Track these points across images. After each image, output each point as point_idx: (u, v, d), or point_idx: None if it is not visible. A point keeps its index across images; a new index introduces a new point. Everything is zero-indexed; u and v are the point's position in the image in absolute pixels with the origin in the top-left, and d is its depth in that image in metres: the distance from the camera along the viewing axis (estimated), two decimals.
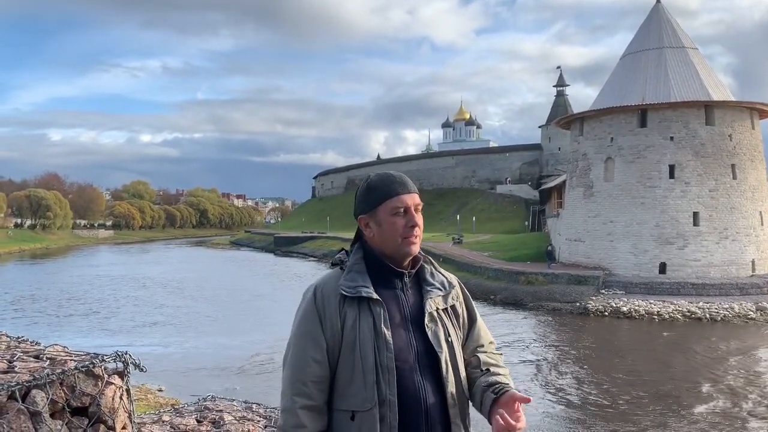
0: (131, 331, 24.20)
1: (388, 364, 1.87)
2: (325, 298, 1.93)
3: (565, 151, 61.01)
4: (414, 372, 1.90)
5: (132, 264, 58.54)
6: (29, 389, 2.20)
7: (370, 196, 2.02)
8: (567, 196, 38.03)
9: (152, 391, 13.75)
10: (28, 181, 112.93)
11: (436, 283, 2.07)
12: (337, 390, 1.91)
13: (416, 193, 2.05)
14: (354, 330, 1.89)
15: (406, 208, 2.00)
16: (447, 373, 1.95)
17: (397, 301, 1.97)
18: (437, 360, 1.94)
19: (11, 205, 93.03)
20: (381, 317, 1.90)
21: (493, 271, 34.90)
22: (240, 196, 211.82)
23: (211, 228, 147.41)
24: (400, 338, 1.92)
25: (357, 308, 1.91)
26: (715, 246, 30.71)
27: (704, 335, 23.38)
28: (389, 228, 1.98)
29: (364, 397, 1.86)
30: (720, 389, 16.23)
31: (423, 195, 10.40)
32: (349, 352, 1.89)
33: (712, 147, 31.17)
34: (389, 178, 2.04)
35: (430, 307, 1.99)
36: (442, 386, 1.94)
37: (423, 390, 1.90)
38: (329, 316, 1.91)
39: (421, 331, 1.95)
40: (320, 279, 2.02)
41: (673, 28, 34.66)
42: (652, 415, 14.08)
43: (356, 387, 1.87)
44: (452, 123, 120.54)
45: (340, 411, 1.89)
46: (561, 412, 14.64)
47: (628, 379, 17.02)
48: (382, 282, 1.98)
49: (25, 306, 30.30)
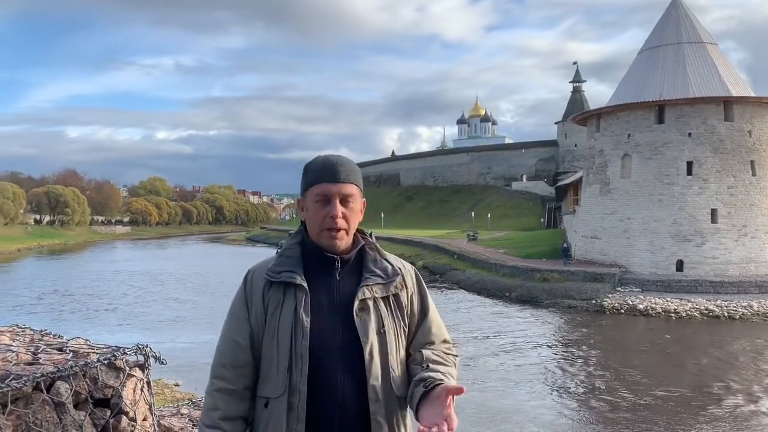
0: (148, 326, 24.43)
1: (302, 351, 1.79)
2: (254, 282, 1.89)
3: (582, 147, 60.63)
4: (335, 362, 1.80)
5: (149, 260, 59.08)
6: (54, 380, 2.25)
7: (303, 178, 1.94)
8: (583, 192, 37.80)
9: (169, 385, 13.89)
10: (46, 178, 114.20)
11: (377, 270, 1.93)
12: (261, 377, 1.86)
13: (350, 182, 1.89)
14: (275, 316, 1.84)
15: (329, 197, 1.87)
16: (371, 364, 1.82)
17: (329, 288, 1.87)
18: (360, 350, 1.83)
19: (30, 201, 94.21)
20: (302, 303, 1.82)
21: (508, 268, 34.79)
22: (255, 192, 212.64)
23: (227, 224, 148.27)
24: (323, 326, 1.82)
25: (282, 294, 1.84)
26: (733, 243, 30.38)
27: (722, 334, 23.15)
28: (312, 216, 1.90)
29: (276, 384, 1.81)
30: (739, 388, 16.07)
31: (437, 191, 10.51)
32: (270, 338, 1.84)
33: (731, 143, 30.81)
34: (322, 163, 1.91)
35: (362, 295, 1.86)
36: (365, 379, 1.82)
37: (342, 381, 1.80)
38: (255, 300, 1.87)
39: (351, 319, 1.84)
40: (256, 265, 1.97)
41: (692, 23, 34.27)
42: (669, 414, 13.99)
43: (272, 374, 1.82)
44: (467, 119, 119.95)
45: (259, 398, 1.85)
46: (575, 410, 14.59)
47: (644, 378, 16.90)
48: (317, 267, 1.89)
49: (46, 301, 30.72)
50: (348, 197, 1.89)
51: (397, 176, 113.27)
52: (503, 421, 13.42)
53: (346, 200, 1.89)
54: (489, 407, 14.21)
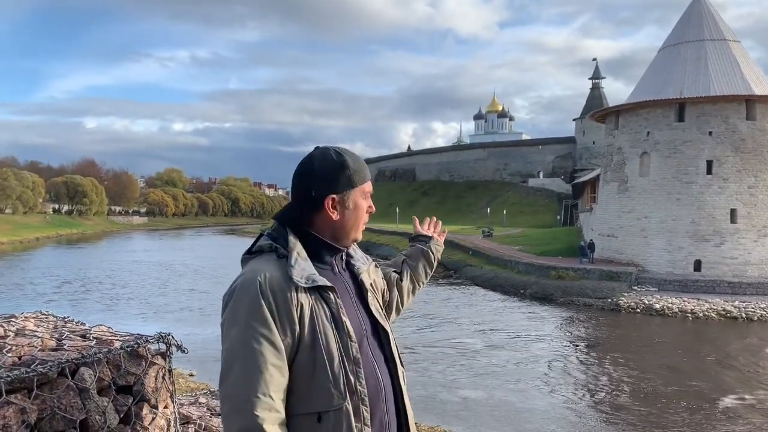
0: (164, 316, 24.65)
1: (354, 354, 1.72)
2: (274, 292, 1.67)
3: (600, 144, 60.16)
4: (369, 354, 1.79)
5: (166, 250, 59.59)
6: (78, 366, 2.28)
7: (344, 174, 1.82)
8: (601, 190, 37.51)
9: (184, 375, 14.00)
10: (65, 167, 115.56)
11: (360, 258, 1.99)
12: (297, 392, 1.68)
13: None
14: (312, 324, 1.70)
15: (370, 193, 1.92)
16: (394, 345, 1.88)
17: (341, 281, 1.85)
18: (383, 335, 1.87)
19: (49, 190, 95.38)
20: (336, 305, 1.75)
21: (523, 265, 34.65)
22: (271, 185, 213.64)
23: (243, 217, 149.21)
24: (353, 321, 1.79)
25: (310, 299, 1.72)
26: (752, 244, 30.01)
27: (740, 335, 22.90)
28: (359, 212, 1.86)
29: (333, 394, 1.68)
30: (756, 390, 15.90)
31: (453, 187, 10.55)
32: (309, 349, 1.69)
33: (752, 142, 30.40)
34: (361, 160, 1.88)
35: (366, 282, 1.91)
36: (392, 360, 1.86)
37: (378, 370, 1.80)
38: (284, 312, 1.67)
39: (365, 308, 1.87)
40: (255, 270, 1.72)
41: (715, 19, 33.78)
42: (684, 415, 13.88)
43: (321, 385, 1.68)
44: (484, 115, 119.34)
45: (302, 415, 1.68)
46: (589, 409, 14.52)
47: (659, 379, 16.77)
48: (320, 264, 1.82)
49: (65, 289, 31.11)
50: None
51: (413, 171, 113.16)
52: (519, 420, 13.39)
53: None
54: (502, 404, 14.18)
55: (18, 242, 65.75)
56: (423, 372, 16.61)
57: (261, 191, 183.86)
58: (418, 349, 19.17)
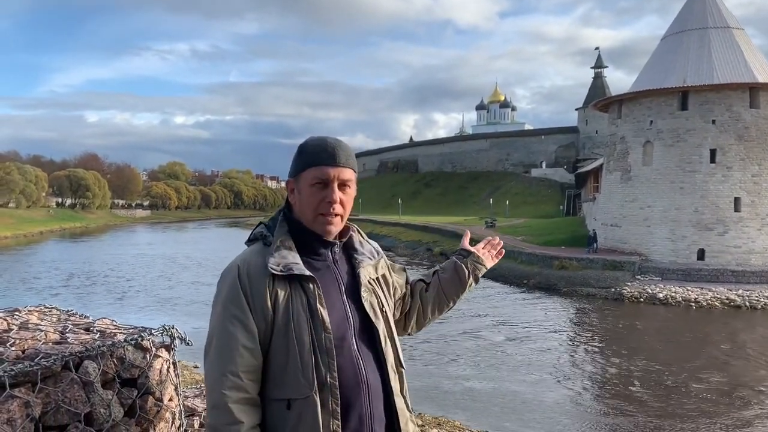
0: (168, 308, 24.72)
1: (326, 345, 1.72)
2: (251, 278, 1.74)
3: (603, 134, 59.97)
4: (352, 348, 1.77)
5: (170, 243, 59.68)
6: (82, 360, 2.27)
7: (298, 159, 1.83)
8: (604, 180, 37.43)
9: (188, 367, 14.02)
10: (68, 161, 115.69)
11: (366, 252, 1.94)
12: (271, 378, 1.73)
13: (348, 167, 1.83)
14: (287, 311, 1.72)
15: (328, 180, 1.79)
16: (385, 344, 1.84)
17: (331, 273, 1.83)
18: (374, 332, 1.83)
19: (52, 184, 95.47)
20: (315, 295, 1.74)
21: (526, 255, 34.64)
22: (274, 177, 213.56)
23: (246, 209, 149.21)
24: (336, 314, 1.77)
25: (288, 287, 1.74)
26: (756, 233, 29.95)
27: (744, 323, 22.90)
28: (306, 199, 1.81)
29: (301, 383, 1.70)
30: (762, 379, 15.91)
31: (456, 178, 10.48)
32: (282, 336, 1.72)
33: (756, 131, 30.26)
34: (321, 145, 1.82)
35: (364, 277, 1.87)
36: (381, 359, 1.82)
37: (362, 366, 1.77)
38: (257, 298, 1.72)
39: (357, 303, 1.83)
40: (241, 257, 1.81)
41: (718, 7, 33.55)
42: (696, 404, 13.88)
43: (292, 373, 1.71)
44: (486, 105, 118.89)
45: (275, 401, 1.72)
46: (597, 400, 14.54)
47: (665, 368, 16.76)
48: (311, 255, 1.82)
49: (69, 283, 31.18)
50: (346, 182, 1.83)
51: (416, 162, 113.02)
52: (525, 410, 13.40)
53: (344, 185, 1.83)
54: (508, 395, 14.19)
55: (22, 236, 65.91)
56: (426, 362, 16.64)
57: (264, 183, 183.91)
58: (420, 339, 19.20)
